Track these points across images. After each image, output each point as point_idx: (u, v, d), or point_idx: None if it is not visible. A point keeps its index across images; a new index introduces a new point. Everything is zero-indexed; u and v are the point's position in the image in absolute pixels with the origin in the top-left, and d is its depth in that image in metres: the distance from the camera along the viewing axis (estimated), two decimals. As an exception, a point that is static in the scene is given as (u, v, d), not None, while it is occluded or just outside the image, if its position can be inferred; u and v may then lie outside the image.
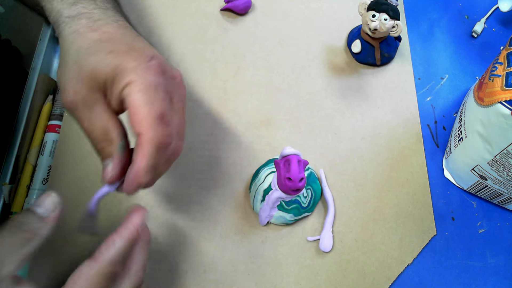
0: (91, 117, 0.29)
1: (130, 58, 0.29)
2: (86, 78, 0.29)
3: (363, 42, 0.50)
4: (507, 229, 0.45)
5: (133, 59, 0.29)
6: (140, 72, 0.28)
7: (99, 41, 0.30)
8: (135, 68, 0.28)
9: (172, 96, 0.30)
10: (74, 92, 0.29)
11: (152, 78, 0.28)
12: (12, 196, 0.44)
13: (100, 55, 0.29)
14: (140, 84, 0.28)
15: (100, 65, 0.29)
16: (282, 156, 0.38)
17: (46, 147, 0.47)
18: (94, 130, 0.29)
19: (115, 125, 0.30)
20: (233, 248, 0.42)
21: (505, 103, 0.35)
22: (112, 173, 0.30)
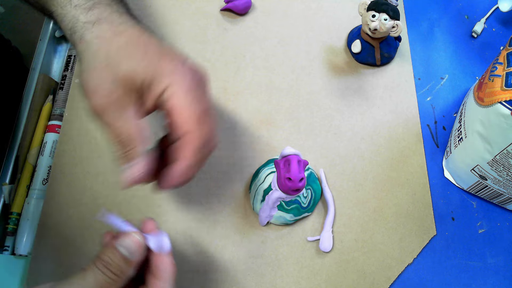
0: (121, 120, 0.29)
1: (165, 61, 0.30)
2: (122, 81, 0.29)
3: (363, 42, 0.50)
4: (507, 229, 0.45)
5: (169, 62, 0.30)
6: (179, 74, 0.30)
7: (129, 45, 0.30)
8: (173, 71, 0.29)
9: (206, 93, 0.32)
10: (107, 95, 0.29)
11: (190, 79, 0.30)
12: (12, 196, 0.44)
13: (135, 58, 0.29)
14: (181, 86, 0.29)
15: (137, 68, 0.29)
16: (282, 156, 0.38)
17: (46, 147, 0.47)
18: (122, 133, 0.29)
19: (144, 128, 0.30)
20: (233, 248, 0.42)
21: (505, 103, 0.35)
22: (139, 173, 0.30)
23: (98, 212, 0.30)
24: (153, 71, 0.29)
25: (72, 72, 0.50)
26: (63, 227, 0.43)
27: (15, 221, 0.44)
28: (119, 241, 0.28)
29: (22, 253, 0.42)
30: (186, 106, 0.29)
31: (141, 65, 0.29)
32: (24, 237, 0.43)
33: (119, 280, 0.27)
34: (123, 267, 0.28)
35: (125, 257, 0.28)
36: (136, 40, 0.31)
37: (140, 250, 0.29)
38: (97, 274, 0.27)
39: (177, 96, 0.29)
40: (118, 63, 0.29)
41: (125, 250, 0.28)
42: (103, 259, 0.27)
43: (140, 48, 0.30)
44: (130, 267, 0.28)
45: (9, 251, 0.43)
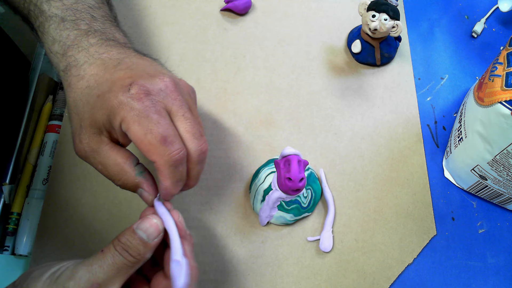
0: (101, 159, 0.31)
1: (113, 95, 0.29)
2: (87, 126, 0.30)
3: (363, 42, 0.50)
4: (507, 229, 0.45)
5: (116, 95, 0.29)
6: (126, 105, 0.29)
7: (87, 88, 0.31)
8: (120, 103, 0.29)
9: (169, 107, 0.30)
10: (79, 142, 0.31)
11: (138, 105, 0.29)
12: (12, 196, 0.44)
13: (91, 102, 0.30)
14: (131, 117, 0.29)
15: (94, 112, 0.30)
16: (282, 156, 0.38)
17: (46, 147, 0.47)
18: (108, 169, 0.31)
19: (125, 157, 0.31)
20: (233, 248, 0.42)
21: (505, 103, 0.35)
22: (150, 198, 0.32)
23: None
24: (107, 109, 0.29)
25: (72, 72, 0.50)
26: (63, 227, 0.43)
27: (15, 221, 0.44)
28: (138, 225, 0.29)
29: (22, 253, 0.42)
30: (141, 137, 0.29)
31: (97, 108, 0.30)
32: (24, 237, 0.43)
33: (137, 263, 0.28)
34: (141, 250, 0.28)
35: (143, 241, 0.28)
36: (94, 80, 0.31)
37: (158, 234, 0.29)
38: (115, 256, 0.27)
39: (131, 128, 0.29)
40: (82, 108, 0.31)
41: (144, 234, 0.28)
42: (122, 241, 0.28)
43: (95, 89, 0.31)
44: (148, 250, 0.28)
45: (9, 251, 0.43)
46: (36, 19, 0.36)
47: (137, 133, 0.28)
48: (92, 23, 0.35)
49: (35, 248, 0.42)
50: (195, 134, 0.31)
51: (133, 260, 0.28)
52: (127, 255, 0.27)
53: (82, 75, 0.32)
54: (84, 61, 0.32)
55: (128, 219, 0.43)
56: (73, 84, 0.32)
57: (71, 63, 0.33)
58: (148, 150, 0.29)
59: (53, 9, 0.35)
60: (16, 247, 0.42)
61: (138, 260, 0.28)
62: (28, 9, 0.36)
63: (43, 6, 0.35)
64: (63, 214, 0.43)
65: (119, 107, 0.29)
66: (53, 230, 0.42)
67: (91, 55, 0.33)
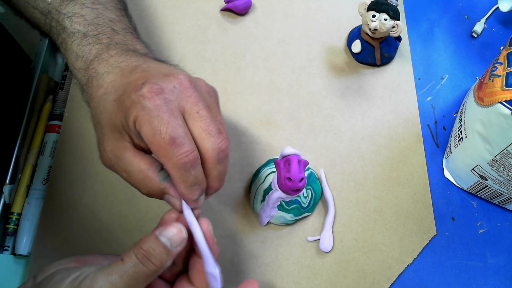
0: (125, 166, 0.30)
1: (127, 95, 0.29)
2: (109, 133, 0.30)
3: (363, 42, 0.50)
4: (507, 229, 0.45)
5: (129, 95, 0.29)
6: (138, 103, 0.28)
7: (104, 95, 0.31)
8: (133, 102, 0.28)
9: (183, 105, 0.29)
10: (104, 150, 0.30)
11: (150, 103, 0.28)
12: (12, 196, 0.44)
13: (110, 106, 0.30)
14: (143, 116, 0.28)
15: (113, 116, 0.30)
16: (282, 156, 0.38)
17: (46, 147, 0.47)
18: (132, 176, 0.30)
19: (148, 163, 0.30)
20: (233, 248, 0.42)
21: (505, 103, 0.35)
22: (178, 202, 0.31)
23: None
24: (122, 109, 0.29)
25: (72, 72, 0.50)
26: (63, 227, 0.43)
27: (15, 221, 0.44)
28: (161, 231, 0.28)
29: (22, 253, 0.42)
30: (151, 137, 0.28)
31: (114, 112, 0.30)
32: (24, 237, 0.43)
33: (157, 272, 0.27)
34: (163, 258, 0.27)
35: (167, 248, 0.27)
36: (111, 86, 0.31)
37: (182, 242, 0.28)
38: (136, 266, 0.26)
39: (143, 127, 0.28)
40: (100, 115, 0.31)
41: (168, 241, 0.27)
42: (144, 248, 0.27)
43: (112, 94, 0.31)
44: (170, 258, 0.27)
45: (9, 251, 0.43)
46: (59, 36, 0.36)
47: (147, 133, 0.28)
48: (113, 36, 0.35)
49: (35, 248, 0.42)
50: (211, 131, 0.29)
51: (154, 269, 0.27)
52: (149, 264, 0.26)
53: (101, 84, 0.32)
54: (104, 71, 0.32)
55: (128, 219, 0.43)
56: (93, 94, 0.32)
57: (92, 75, 0.33)
58: (157, 152, 0.28)
59: (75, 25, 0.35)
60: (16, 247, 0.42)
61: (158, 269, 0.27)
62: (50, 26, 0.37)
63: (65, 23, 0.35)
64: (63, 214, 0.43)
65: (132, 106, 0.28)
66: (53, 230, 0.42)
67: (110, 64, 0.33)
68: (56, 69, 0.53)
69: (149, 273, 0.26)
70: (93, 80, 0.33)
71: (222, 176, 0.31)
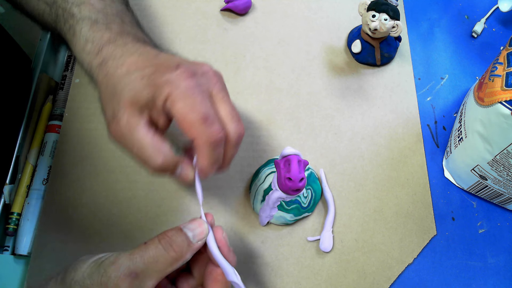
0: (139, 138, 0.31)
1: (159, 74, 0.31)
2: (128, 106, 0.31)
3: (363, 42, 0.50)
4: (507, 229, 0.45)
5: (162, 74, 0.30)
6: (173, 83, 0.30)
7: (129, 73, 0.32)
8: (167, 81, 0.30)
9: (210, 90, 0.32)
10: (117, 124, 0.31)
11: (185, 84, 0.30)
12: (12, 196, 0.44)
13: (135, 83, 0.31)
14: (177, 94, 0.30)
15: (138, 91, 0.31)
16: (282, 156, 0.38)
17: (46, 147, 0.47)
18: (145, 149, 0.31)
19: (161, 138, 0.31)
20: (233, 248, 0.42)
21: (505, 103, 0.35)
22: (191, 173, 0.33)
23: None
24: (153, 86, 0.30)
25: (72, 72, 0.50)
26: (63, 227, 0.43)
27: (15, 221, 0.44)
28: (186, 225, 0.30)
29: (22, 253, 0.42)
30: (185, 113, 0.30)
31: (141, 87, 0.31)
32: (24, 237, 0.43)
33: (177, 261, 0.28)
34: (184, 248, 0.28)
35: (188, 239, 0.29)
36: (135, 66, 0.32)
37: (204, 237, 0.30)
38: (158, 250, 0.28)
39: (176, 104, 0.30)
40: (121, 91, 0.31)
41: (190, 233, 0.29)
42: (168, 235, 0.29)
43: (138, 72, 0.32)
44: (190, 250, 0.29)
45: (9, 251, 0.43)
46: (66, 23, 0.36)
47: (181, 110, 0.29)
48: (123, 26, 0.36)
49: (35, 248, 0.42)
50: (234, 117, 0.32)
51: (174, 256, 0.28)
52: (170, 250, 0.28)
53: (122, 63, 0.32)
54: (122, 54, 0.33)
55: (128, 219, 0.43)
56: (111, 73, 0.32)
57: (107, 57, 0.33)
58: (189, 128, 0.30)
59: (84, 11, 0.36)
60: (16, 247, 0.42)
61: (178, 258, 0.28)
62: (56, 14, 0.37)
63: (73, 10, 0.36)
64: (63, 214, 0.43)
65: (166, 84, 0.30)
66: (53, 230, 0.42)
67: (128, 50, 0.33)
68: (56, 69, 0.53)
69: (169, 259, 0.28)
70: (109, 61, 0.33)
71: (231, 160, 0.34)
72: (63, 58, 0.53)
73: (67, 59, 0.52)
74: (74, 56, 0.37)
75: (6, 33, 0.50)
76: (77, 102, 0.48)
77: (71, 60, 0.51)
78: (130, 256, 0.27)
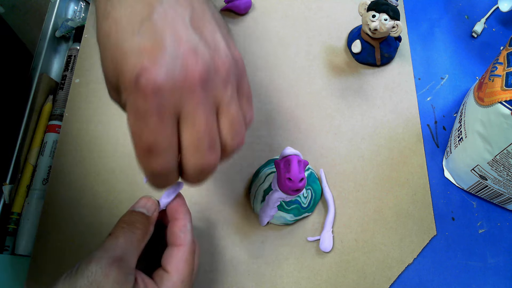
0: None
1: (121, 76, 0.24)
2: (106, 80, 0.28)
3: (363, 42, 0.50)
4: (507, 229, 0.45)
5: (123, 77, 0.24)
6: (129, 96, 0.24)
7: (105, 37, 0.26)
8: (124, 89, 0.24)
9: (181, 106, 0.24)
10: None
11: (141, 104, 0.23)
12: (12, 196, 0.44)
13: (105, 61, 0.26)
14: (129, 109, 0.24)
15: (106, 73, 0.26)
16: (282, 156, 0.38)
17: (46, 147, 0.47)
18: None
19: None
20: (233, 248, 0.42)
21: (505, 103, 0.35)
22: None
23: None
24: (115, 77, 0.25)
25: (72, 72, 0.50)
26: (63, 227, 0.43)
27: (15, 221, 0.44)
28: (133, 206, 0.31)
29: (22, 253, 0.42)
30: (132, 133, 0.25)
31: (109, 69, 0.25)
32: (24, 237, 0.43)
33: (145, 235, 0.30)
34: (145, 222, 0.30)
35: (145, 215, 0.30)
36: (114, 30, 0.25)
37: (154, 206, 0.31)
38: (126, 233, 0.29)
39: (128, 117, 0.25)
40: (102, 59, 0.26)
41: (144, 209, 0.31)
42: (126, 221, 0.30)
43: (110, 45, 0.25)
44: (151, 223, 0.30)
45: (9, 251, 0.43)
46: None
47: (129, 125, 0.24)
48: None
49: (35, 248, 0.42)
50: (198, 146, 0.25)
51: (141, 233, 0.29)
52: (135, 229, 0.29)
53: (108, 11, 0.25)
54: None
55: (128, 219, 0.43)
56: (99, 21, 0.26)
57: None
58: (134, 148, 0.25)
59: None
60: (16, 247, 0.42)
61: (145, 233, 0.30)
62: None
63: None
64: (63, 214, 0.43)
65: (124, 90, 0.24)
66: (53, 230, 0.42)
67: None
68: (56, 69, 0.53)
69: (138, 236, 0.29)
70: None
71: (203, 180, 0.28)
72: (63, 58, 0.53)
73: (67, 59, 0.52)
74: None
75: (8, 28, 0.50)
76: (77, 102, 0.48)
77: (71, 60, 0.52)
78: (103, 249, 0.28)
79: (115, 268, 0.26)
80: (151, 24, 0.24)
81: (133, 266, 0.28)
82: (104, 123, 0.47)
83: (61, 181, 0.44)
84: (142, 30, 0.24)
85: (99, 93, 0.48)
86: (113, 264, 0.27)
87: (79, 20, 0.54)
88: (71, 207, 0.43)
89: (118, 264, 0.27)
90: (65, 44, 0.55)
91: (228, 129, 0.26)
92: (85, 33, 0.52)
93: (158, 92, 0.23)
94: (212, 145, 0.25)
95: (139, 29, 0.24)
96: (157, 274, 0.30)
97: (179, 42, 0.24)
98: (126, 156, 0.45)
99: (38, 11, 0.63)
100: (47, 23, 0.53)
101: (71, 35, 0.55)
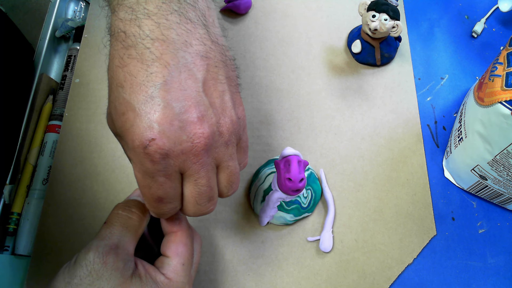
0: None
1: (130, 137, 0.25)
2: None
3: (363, 42, 0.50)
4: (507, 229, 0.45)
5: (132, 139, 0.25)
6: (137, 157, 0.26)
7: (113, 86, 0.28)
8: (132, 150, 0.26)
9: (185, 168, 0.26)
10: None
11: (150, 165, 0.25)
12: (12, 196, 0.44)
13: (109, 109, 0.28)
14: (136, 166, 0.26)
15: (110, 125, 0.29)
16: (282, 156, 0.38)
17: (46, 147, 0.47)
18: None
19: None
20: (233, 248, 0.42)
21: (505, 103, 0.35)
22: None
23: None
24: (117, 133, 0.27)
25: (72, 72, 0.50)
26: (63, 227, 0.43)
27: (15, 221, 0.44)
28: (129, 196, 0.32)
29: (22, 253, 0.42)
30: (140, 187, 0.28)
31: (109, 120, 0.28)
32: (24, 237, 0.43)
33: (142, 222, 0.30)
34: (141, 208, 0.30)
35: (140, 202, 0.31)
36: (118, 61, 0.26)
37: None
38: (121, 219, 0.29)
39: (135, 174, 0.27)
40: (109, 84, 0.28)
41: (138, 198, 0.31)
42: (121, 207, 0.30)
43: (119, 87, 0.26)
44: (147, 210, 0.30)
45: (9, 251, 0.43)
46: None
47: (137, 179, 0.27)
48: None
49: (35, 248, 0.42)
50: (199, 200, 0.28)
51: (137, 218, 0.29)
52: (132, 214, 0.29)
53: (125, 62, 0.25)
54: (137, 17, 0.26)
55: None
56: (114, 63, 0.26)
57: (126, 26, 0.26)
58: (143, 196, 0.27)
59: None
60: (16, 247, 0.42)
61: (141, 218, 0.30)
62: None
63: None
64: (63, 214, 0.43)
65: (130, 152, 0.26)
66: (53, 230, 0.42)
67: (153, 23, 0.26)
68: (56, 69, 0.53)
69: (135, 222, 0.29)
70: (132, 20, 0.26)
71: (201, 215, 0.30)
72: (63, 58, 0.53)
73: (67, 59, 0.52)
74: None
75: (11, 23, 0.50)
76: (77, 102, 0.48)
77: (71, 60, 0.52)
78: (99, 237, 0.28)
79: (113, 255, 0.27)
80: (163, 92, 0.25)
81: (131, 252, 0.28)
82: (104, 123, 0.47)
83: (61, 181, 0.44)
84: (154, 95, 0.25)
85: (99, 93, 0.48)
86: (110, 251, 0.27)
87: (79, 20, 0.54)
88: (71, 207, 0.43)
89: (115, 251, 0.27)
90: (65, 44, 0.55)
91: (226, 182, 0.29)
92: (85, 33, 0.52)
93: (165, 158, 0.25)
94: (211, 198, 0.28)
95: (151, 94, 0.25)
96: (158, 261, 0.30)
97: (189, 111, 0.25)
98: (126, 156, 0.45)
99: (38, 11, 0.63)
100: (47, 23, 0.53)
101: (71, 35, 0.55)
